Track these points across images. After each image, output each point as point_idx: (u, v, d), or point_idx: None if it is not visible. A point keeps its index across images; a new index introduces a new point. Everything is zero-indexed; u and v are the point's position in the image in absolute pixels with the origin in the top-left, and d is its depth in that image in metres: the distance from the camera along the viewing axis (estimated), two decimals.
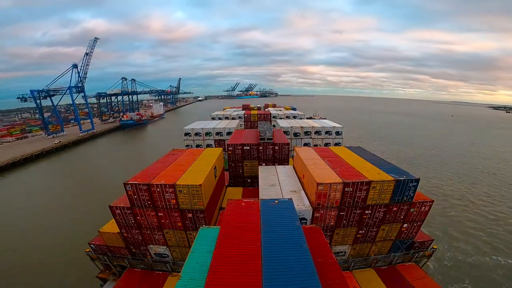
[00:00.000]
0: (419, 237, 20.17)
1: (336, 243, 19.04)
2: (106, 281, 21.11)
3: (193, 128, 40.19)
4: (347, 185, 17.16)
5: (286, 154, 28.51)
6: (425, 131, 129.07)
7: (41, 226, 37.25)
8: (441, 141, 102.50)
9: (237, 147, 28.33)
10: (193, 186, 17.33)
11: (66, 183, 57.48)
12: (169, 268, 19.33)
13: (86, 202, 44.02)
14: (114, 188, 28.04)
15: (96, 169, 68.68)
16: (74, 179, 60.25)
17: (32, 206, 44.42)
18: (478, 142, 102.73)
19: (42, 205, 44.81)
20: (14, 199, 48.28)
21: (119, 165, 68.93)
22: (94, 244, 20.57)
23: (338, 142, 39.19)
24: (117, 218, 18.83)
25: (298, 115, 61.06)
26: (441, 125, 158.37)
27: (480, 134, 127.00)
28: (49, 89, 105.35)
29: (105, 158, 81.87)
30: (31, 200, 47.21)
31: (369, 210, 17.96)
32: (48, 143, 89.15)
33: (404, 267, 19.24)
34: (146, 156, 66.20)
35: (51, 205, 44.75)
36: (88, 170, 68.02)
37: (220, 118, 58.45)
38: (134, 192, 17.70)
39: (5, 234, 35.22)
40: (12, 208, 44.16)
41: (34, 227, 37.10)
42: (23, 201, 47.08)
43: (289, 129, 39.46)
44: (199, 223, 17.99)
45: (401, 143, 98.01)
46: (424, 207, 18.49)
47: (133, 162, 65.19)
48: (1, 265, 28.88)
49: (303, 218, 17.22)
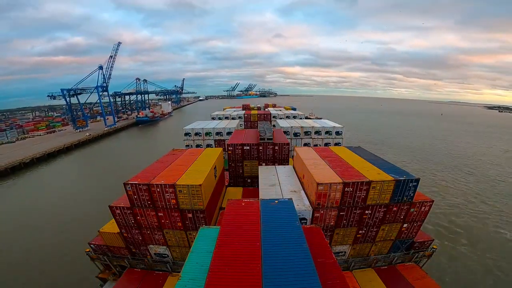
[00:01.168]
0: (419, 237, 20.17)
1: (336, 243, 19.04)
2: (106, 281, 21.10)
3: (193, 128, 40.16)
4: (347, 185, 17.16)
5: (286, 154, 28.49)
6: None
7: (48, 224, 37.55)
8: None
9: (237, 147, 28.32)
10: (193, 186, 17.33)
11: (99, 171, 63.41)
12: (169, 268, 19.31)
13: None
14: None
15: (121, 159, 75.99)
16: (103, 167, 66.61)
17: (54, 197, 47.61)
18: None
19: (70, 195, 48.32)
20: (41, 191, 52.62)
21: (143, 156, 72.19)
22: (94, 244, 20.56)
23: (338, 142, 39.17)
24: (117, 218, 18.83)
25: (298, 115, 61.13)
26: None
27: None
28: (77, 88, 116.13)
29: (130, 149, 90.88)
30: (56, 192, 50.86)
31: (369, 210, 17.96)
32: (78, 136, 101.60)
33: (404, 267, 19.22)
34: (164, 146, 68.92)
35: (77, 194, 47.93)
36: (115, 160, 76.35)
37: (220, 118, 58.44)
38: (134, 192, 17.69)
39: (6, 234, 35.25)
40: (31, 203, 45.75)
41: (38, 225, 37.29)
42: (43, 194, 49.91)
43: (289, 129, 39.44)
44: (199, 223, 17.99)
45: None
46: (424, 207, 18.49)
47: (154, 152, 65.68)
48: (1, 265, 28.93)
49: (303, 218, 17.21)
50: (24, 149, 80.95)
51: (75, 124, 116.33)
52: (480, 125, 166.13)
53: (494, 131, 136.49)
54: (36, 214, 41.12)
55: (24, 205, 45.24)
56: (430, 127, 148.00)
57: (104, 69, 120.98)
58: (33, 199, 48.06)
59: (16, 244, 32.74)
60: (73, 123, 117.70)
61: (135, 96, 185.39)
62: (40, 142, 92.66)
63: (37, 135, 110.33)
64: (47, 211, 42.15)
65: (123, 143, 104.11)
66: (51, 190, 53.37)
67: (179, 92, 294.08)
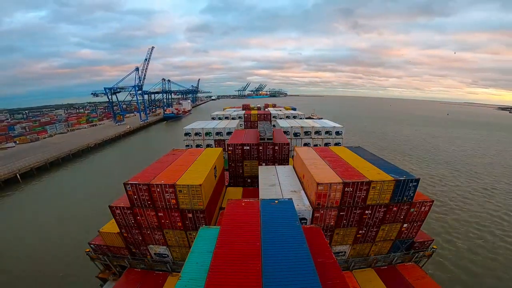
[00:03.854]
0: (419, 237, 20.16)
1: (336, 243, 19.04)
2: (106, 281, 21.09)
3: (193, 128, 40.17)
4: (347, 185, 17.16)
5: (286, 154, 28.49)
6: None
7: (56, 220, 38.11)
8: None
9: (237, 147, 28.32)
10: (193, 186, 17.33)
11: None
12: (169, 268, 19.31)
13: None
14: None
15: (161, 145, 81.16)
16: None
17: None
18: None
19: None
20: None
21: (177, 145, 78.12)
22: (94, 244, 20.55)
23: (338, 142, 39.17)
24: (117, 218, 18.82)
25: (298, 115, 61.10)
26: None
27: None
28: (117, 87, 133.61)
29: (165, 138, 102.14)
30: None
31: (369, 210, 17.96)
32: (121, 128, 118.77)
33: (404, 267, 19.23)
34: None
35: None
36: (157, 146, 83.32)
37: (220, 118, 58.47)
38: (134, 192, 17.69)
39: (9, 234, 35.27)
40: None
41: (46, 224, 37.69)
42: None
43: (289, 129, 39.43)
44: (199, 223, 17.99)
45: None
46: (424, 207, 18.49)
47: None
48: (1, 265, 28.92)
49: (303, 218, 17.22)
50: (82, 138, 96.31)
51: (115, 119, 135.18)
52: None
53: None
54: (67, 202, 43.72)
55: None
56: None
57: (140, 70, 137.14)
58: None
59: (15, 244, 32.77)
60: (114, 117, 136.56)
61: (161, 95, 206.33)
62: (91, 133, 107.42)
63: (83, 128, 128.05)
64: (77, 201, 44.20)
65: (159, 134, 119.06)
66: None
67: (196, 91, 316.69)
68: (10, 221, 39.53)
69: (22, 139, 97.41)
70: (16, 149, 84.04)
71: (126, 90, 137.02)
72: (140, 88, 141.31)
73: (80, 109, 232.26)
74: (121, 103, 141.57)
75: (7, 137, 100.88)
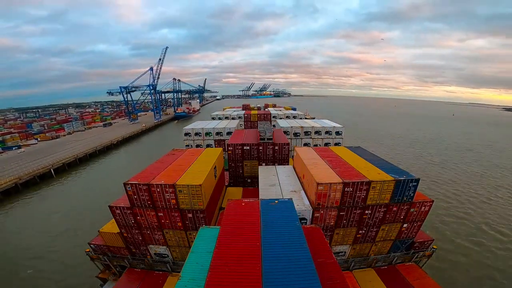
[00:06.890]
0: (419, 237, 20.16)
1: (336, 243, 19.03)
2: (106, 281, 21.10)
3: (193, 128, 40.15)
4: (347, 185, 17.15)
5: (286, 154, 28.49)
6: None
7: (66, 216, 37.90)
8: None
9: (237, 147, 28.31)
10: (193, 186, 17.33)
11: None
12: (169, 268, 19.31)
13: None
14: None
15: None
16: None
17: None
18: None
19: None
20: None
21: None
22: (94, 244, 20.55)
23: (338, 142, 39.16)
24: (117, 218, 18.82)
25: (298, 115, 61.07)
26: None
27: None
28: (132, 86, 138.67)
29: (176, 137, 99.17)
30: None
31: (369, 210, 17.95)
32: (136, 127, 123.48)
33: (404, 267, 19.22)
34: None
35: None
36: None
37: (220, 118, 58.48)
38: (134, 192, 17.69)
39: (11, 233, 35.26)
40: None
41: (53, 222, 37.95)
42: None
43: (289, 129, 39.42)
44: (199, 223, 17.98)
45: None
46: (424, 207, 18.48)
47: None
48: (1, 265, 28.93)
49: (303, 218, 17.21)
50: (103, 135, 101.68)
51: (129, 117, 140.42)
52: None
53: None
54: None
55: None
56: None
57: (154, 70, 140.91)
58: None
59: (17, 243, 32.77)
60: (128, 116, 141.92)
61: (172, 94, 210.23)
62: (108, 131, 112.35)
63: (99, 126, 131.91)
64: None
65: (173, 132, 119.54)
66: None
67: (203, 91, 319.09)
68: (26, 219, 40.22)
69: (42, 137, 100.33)
70: (39, 146, 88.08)
71: (140, 89, 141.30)
72: (154, 87, 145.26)
73: (87, 108, 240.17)
74: (135, 102, 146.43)
75: (27, 134, 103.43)
